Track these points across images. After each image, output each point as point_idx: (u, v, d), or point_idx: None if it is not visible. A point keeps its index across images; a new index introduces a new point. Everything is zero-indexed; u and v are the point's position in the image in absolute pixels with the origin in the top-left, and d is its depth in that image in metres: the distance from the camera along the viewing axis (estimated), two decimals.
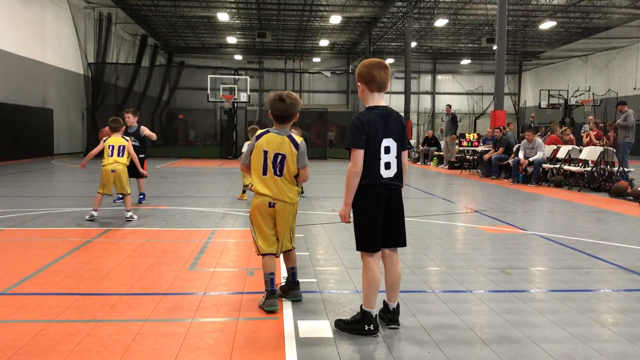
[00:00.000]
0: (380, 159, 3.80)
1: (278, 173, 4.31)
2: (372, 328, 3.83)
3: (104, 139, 8.67)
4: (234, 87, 29.45)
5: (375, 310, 3.87)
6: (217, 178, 16.30)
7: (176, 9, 34.27)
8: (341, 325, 3.93)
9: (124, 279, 5.17)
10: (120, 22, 34.64)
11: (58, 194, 11.70)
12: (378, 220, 3.84)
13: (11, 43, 22.80)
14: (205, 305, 4.43)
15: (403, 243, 3.99)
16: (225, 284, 5.07)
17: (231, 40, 44.07)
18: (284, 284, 4.70)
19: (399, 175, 3.91)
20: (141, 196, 10.39)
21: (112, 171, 8.36)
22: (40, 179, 15.30)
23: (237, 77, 30.79)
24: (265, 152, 4.30)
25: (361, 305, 3.90)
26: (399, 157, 3.90)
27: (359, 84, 3.92)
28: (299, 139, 4.39)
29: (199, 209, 9.79)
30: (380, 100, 3.91)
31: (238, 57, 49.27)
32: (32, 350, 3.49)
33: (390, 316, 4.02)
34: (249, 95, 30.22)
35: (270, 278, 4.34)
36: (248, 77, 31.13)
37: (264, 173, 4.32)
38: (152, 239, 7.12)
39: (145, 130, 10.40)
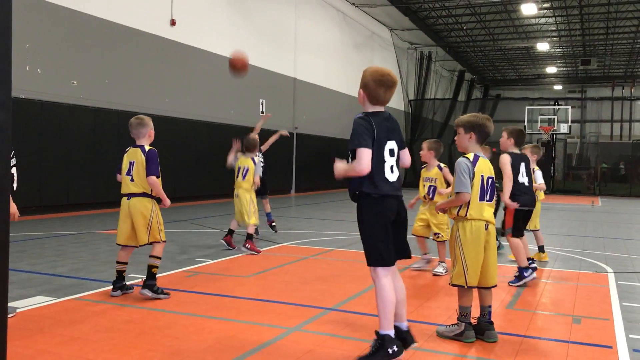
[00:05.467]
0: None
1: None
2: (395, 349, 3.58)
3: None
4: (554, 118, 28.02)
5: (392, 331, 3.64)
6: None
7: (494, 42, 34.35)
8: None
9: (441, 309, 5.20)
10: (439, 59, 36.13)
11: None
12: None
13: (344, 85, 25.67)
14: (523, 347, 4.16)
15: None
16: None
17: (550, 70, 42.22)
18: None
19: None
20: None
21: None
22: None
23: (557, 107, 29.21)
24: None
25: (376, 331, 3.68)
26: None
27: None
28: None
29: None
30: None
31: (558, 87, 46.80)
32: None
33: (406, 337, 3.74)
34: (570, 127, 28.47)
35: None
36: (569, 107, 29.24)
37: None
38: None
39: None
